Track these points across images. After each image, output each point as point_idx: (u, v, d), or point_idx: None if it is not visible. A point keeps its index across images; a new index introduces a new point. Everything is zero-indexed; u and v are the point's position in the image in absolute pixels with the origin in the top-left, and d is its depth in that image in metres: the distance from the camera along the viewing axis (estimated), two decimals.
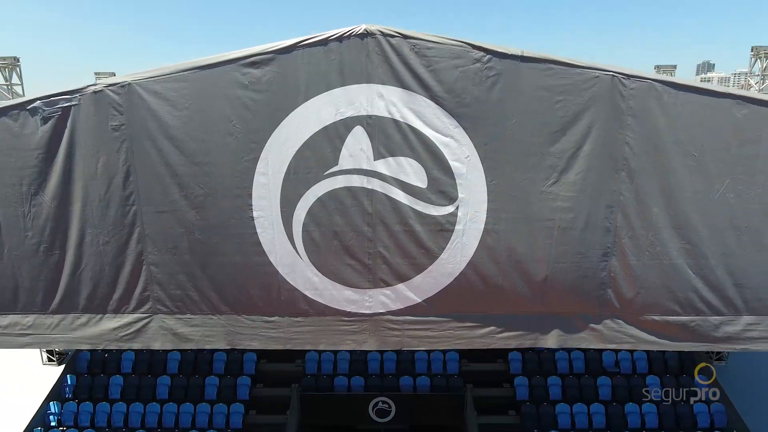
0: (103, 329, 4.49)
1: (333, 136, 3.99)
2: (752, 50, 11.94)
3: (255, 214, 4.00)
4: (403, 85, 3.88)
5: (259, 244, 4.15)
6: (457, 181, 3.94)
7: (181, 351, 14.55)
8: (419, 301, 4.33)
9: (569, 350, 14.42)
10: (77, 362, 14.37)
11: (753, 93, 4.23)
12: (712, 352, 14.65)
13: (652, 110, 3.88)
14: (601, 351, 14.39)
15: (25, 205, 3.92)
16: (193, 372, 14.10)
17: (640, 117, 3.93)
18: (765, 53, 12.05)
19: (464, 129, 3.92)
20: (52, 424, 13.01)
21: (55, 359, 14.73)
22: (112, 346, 4.83)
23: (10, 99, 10.27)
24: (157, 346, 4.62)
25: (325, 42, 3.88)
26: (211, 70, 3.84)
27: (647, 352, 14.26)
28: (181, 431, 12.70)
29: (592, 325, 4.59)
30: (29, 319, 4.41)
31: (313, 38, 3.83)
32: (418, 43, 3.82)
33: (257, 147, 3.92)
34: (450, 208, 4.01)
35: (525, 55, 3.94)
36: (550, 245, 4.19)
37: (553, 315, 4.55)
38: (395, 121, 3.92)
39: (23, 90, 11.60)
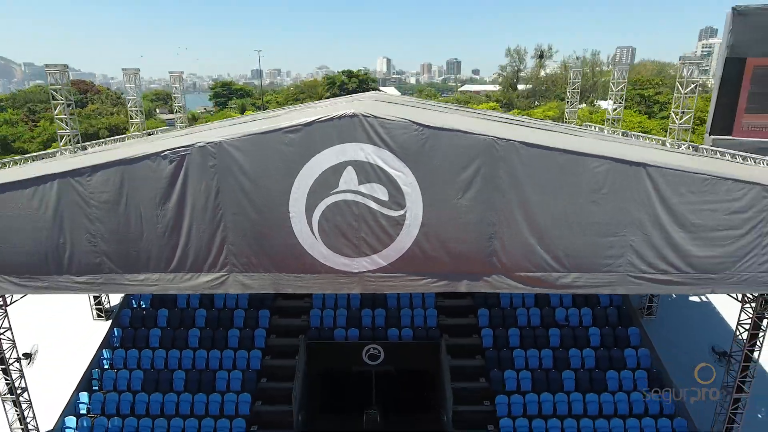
0: (200, 282, 7.28)
1: (335, 171, 6.67)
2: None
3: (291, 215, 6.75)
4: (373, 143, 6.55)
5: (293, 231, 6.93)
6: (405, 197, 6.72)
7: (207, 308, 17.59)
8: (385, 264, 7.17)
9: (528, 307, 17.51)
10: (121, 318, 17.39)
11: (576, 146, 6.79)
12: (643, 309, 17.84)
13: (511, 158, 6.53)
14: (554, 307, 17.49)
15: (157, 210, 6.68)
16: (217, 326, 17.13)
17: (506, 161, 6.57)
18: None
19: (409, 167, 6.64)
20: (105, 366, 16.10)
21: (103, 315, 17.86)
22: (207, 292, 7.65)
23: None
24: (231, 291, 7.38)
25: (331, 119, 6.57)
26: (267, 134, 6.56)
27: (591, 309, 17.37)
28: (211, 371, 15.83)
29: (485, 278, 7.37)
30: (156, 276, 7.23)
31: (325, 117, 6.51)
32: (382, 120, 6.51)
33: (292, 177, 6.63)
34: (401, 212, 6.83)
35: (442, 127, 6.57)
36: (460, 232, 6.92)
37: (464, 273, 7.31)
38: (369, 163, 6.64)
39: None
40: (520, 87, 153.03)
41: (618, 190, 6.56)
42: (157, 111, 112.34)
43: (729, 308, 16.02)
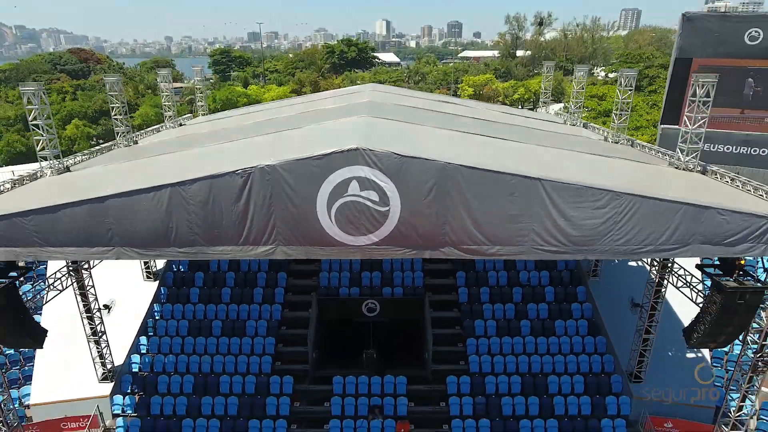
0: (257, 251, 11.15)
1: (345, 183, 10.39)
2: None
3: (317, 210, 10.59)
4: (369, 165, 10.29)
5: (318, 220, 10.76)
6: (389, 199, 10.47)
7: (235, 271, 21.65)
8: (377, 240, 11.01)
9: (497, 270, 21.58)
10: (165, 279, 21.51)
11: (498, 167, 10.49)
12: (590, 271, 21.94)
13: (455, 175, 10.19)
14: (519, 270, 21.57)
15: (232, 206, 10.54)
16: (244, 285, 21.24)
17: (452, 177, 10.28)
18: None
19: (391, 180, 10.34)
20: (157, 317, 20.29)
21: (151, 277, 21.99)
22: (261, 258, 11.57)
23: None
24: (277, 257, 11.24)
25: (342, 152, 10.37)
26: (302, 160, 10.38)
27: (549, 271, 21.45)
28: (242, 321, 19.98)
29: (441, 249, 11.21)
30: (230, 248, 11.15)
31: (339, 150, 10.31)
32: (375, 151, 10.24)
33: (318, 186, 10.42)
34: (387, 208, 10.63)
35: (412, 155, 10.35)
36: (424, 221, 10.73)
37: (427, 246, 11.16)
38: (367, 178, 10.39)
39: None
40: (519, 53, 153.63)
41: (524, 194, 10.39)
42: (158, 80, 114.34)
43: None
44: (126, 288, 20.65)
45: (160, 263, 22.16)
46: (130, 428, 16.91)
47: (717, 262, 12.45)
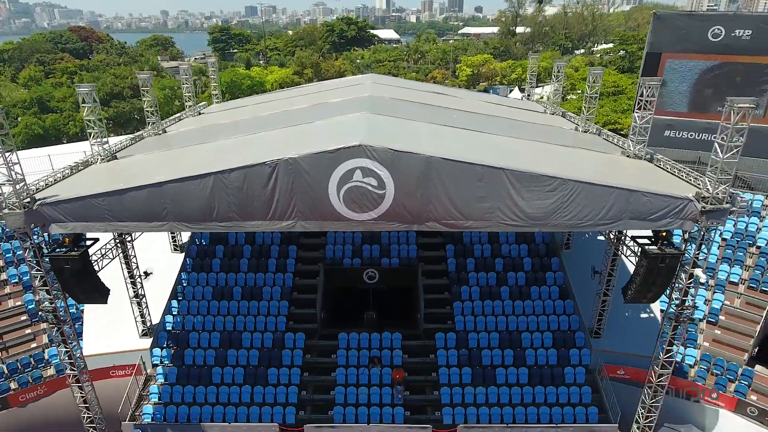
0: (281, 225, 14.13)
1: (350, 172, 13.23)
2: None
3: (329, 193, 13.51)
4: (369, 158, 13.13)
5: (330, 201, 13.68)
6: (385, 184, 13.34)
7: (251, 244, 24.70)
8: (376, 216, 13.90)
9: (482, 243, 24.66)
10: (190, 251, 24.57)
11: (471, 159, 13.34)
12: (563, 244, 25.02)
13: (438, 165, 13.07)
14: (501, 244, 24.65)
15: (262, 189, 13.39)
16: (260, 256, 24.33)
17: (435, 167, 13.14)
18: None
19: (387, 169, 13.21)
20: (184, 284, 23.43)
21: (178, 249, 25.10)
22: (284, 230, 14.60)
23: None
24: (297, 230, 14.25)
25: (348, 148, 13.27)
26: (318, 154, 13.23)
27: (527, 244, 24.51)
28: (258, 287, 23.13)
29: (426, 224, 14.14)
30: (259, 222, 14.08)
31: (345, 146, 13.19)
32: (374, 147, 13.13)
33: (329, 174, 13.31)
34: (383, 191, 13.47)
35: (403, 150, 13.25)
36: (413, 202, 13.70)
37: (414, 221, 14.15)
38: (368, 168, 13.12)
39: None
40: (520, 30, 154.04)
41: (490, 180, 13.32)
42: (159, 59, 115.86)
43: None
44: (157, 259, 23.77)
45: (185, 237, 25.26)
46: (168, 375, 20.21)
47: (650, 233, 15.50)
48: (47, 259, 14.62)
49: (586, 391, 19.45)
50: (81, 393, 16.79)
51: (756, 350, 20.96)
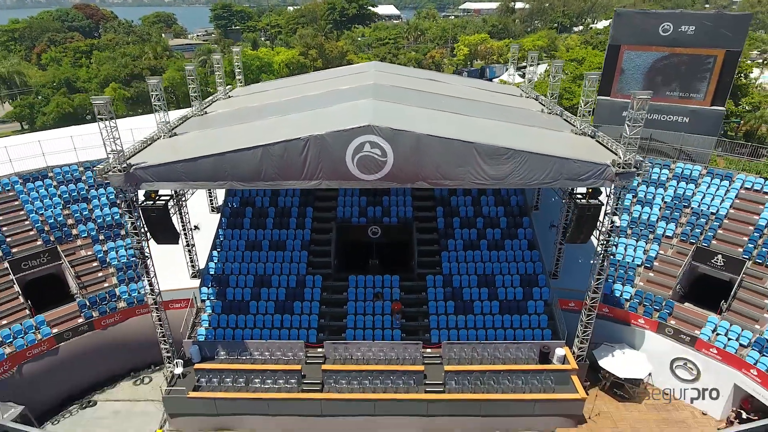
0: (311, 183, 18.96)
1: (362, 144, 18.17)
2: None
3: (346, 160, 18.54)
4: (376, 135, 17.92)
5: (347, 166, 18.77)
6: (387, 154, 18.30)
7: (275, 206, 30.07)
8: (380, 177, 18.99)
9: (466, 206, 30.05)
10: (224, 211, 29.94)
11: (452, 135, 18.36)
12: (534, 206, 30.45)
13: (426, 141, 18.15)
14: (482, 206, 30.03)
15: (298, 157, 18.62)
16: (282, 216, 29.74)
17: (424, 143, 18.17)
18: None
19: (389, 143, 18.16)
20: (221, 238, 28.89)
21: (215, 210, 30.56)
22: (312, 188, 19.99)
23: None
24: (323, 187, 19.58)
25: (360, 127, 18.25)
26: (337, 132, 18.27)
27: (504, 206, 29.91)
28: (282, 240, 28.59)
29: (417, 182, 19.35)
30: (294, 182, 19.21)
31: (359, 126, 18.18)
32: (380, 127, 18.07)
33: (346, 146, 18.24)
34: (385, 159, 18.38)
35: (401, 129, 18.20)
36: (407, 166, 18.77)
37: (408, 180, 19.28)
38: (375, 142, 18.06)
39: None
40: (519, 5, 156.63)
41: (463, 152, 18.42)
42: (163, 36, 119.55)
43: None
44: (199, 217, 29.26)
45: (220, 200, 30.68)
46: (215, 307, 25.83)
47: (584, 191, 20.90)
48: (138, 209, 20.09)
49: (544, 319, 25.10)
50: (157, 314, 22.40)
51: (685, 289, 26.52)
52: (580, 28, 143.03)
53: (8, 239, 26.46)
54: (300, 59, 68.23)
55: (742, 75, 57.59)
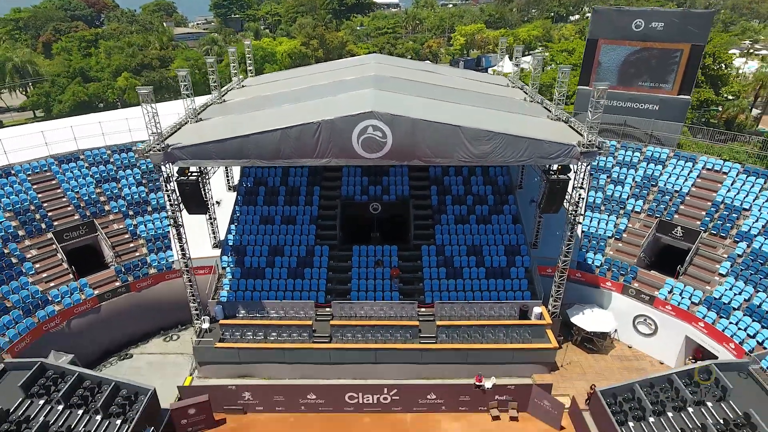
0: (322, 161, 22.53)
1: (365, 127, 21.51)
2: None
3: (352, 141, 21.87)
4: (378, 120, 21.29)
5: (353, 146, 22.14)
6: (386, 136, 21.57)
7: (285, 186, 33.63)
8: (381, 155, 22.40)
9: (458, 185, 33.64)
10: (240, 190, 33.51)
11: (441, 119, 21.65)
12: (518, 184, 34.07)
13: (419, 125, 21.46)
14: (471, 185, 33.62)
15: (311, 138, 21.95)
16: (291, 194, 33.30)
17: (418, 127, 21.46)
18: None
19: (389, 127, 21.39)
20: (238, 214, 32.45)
21: (232, 189, 34.12)
22: (322, 165, 23.54)
23: None
24: (332, 164, 23.00)
25: (364, 113, 21.61)
26: (347, 116, 21.70)
27: (491, 186, 33.51)
28: (292, 216, 32.15)
29: (412, 161, 22.80)
30: (307, 159, 22.46)
31: (363, 112, 21.54)
32: (381, 112, 21.47)
33: (352, 129, 21.63)
34: (386, 140, 21.68)
35: (399, 114, 21.63)
36: (404, 146, 22.11)
37: (405, 158, 22.57)
38: (377, 125, 21.60)
39: None
40: None
41: (451, 134, 21.80)
42: (165, 25, 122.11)
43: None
44: (218, 195, 32.78)
45: (236, 180, 34.22)
46: (234, 273, 29.45)
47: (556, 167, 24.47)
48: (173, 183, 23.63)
49: (524, 283, 28.78)
50: (188, 275, 26.02)
51: (650, 257, 30.22)
52: (577, 17, 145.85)
53: (49, 214, 29.98)
54: (302, 49, 71.32)
55: (722, 65, 61.18)
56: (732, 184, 30.08)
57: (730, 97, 63.44)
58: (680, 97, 33.86)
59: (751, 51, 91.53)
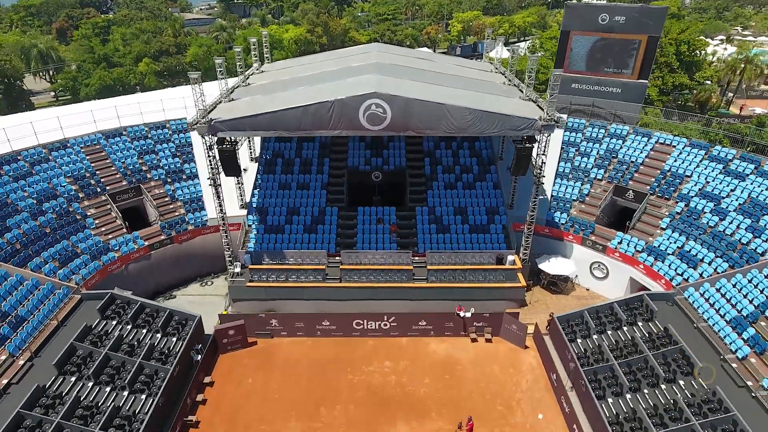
0: (335, 132, 28.13)
1: (370, 105, 27.13)
2: None
3: (359, 116, 27.64)
4: (380, 99, 27.08)
5: (360, 120, 27.94)
6: (387, 111, 27.43)
7: (300, 158, 39.65)
8: (382, 128, 28.15)
9: (447, 157, 39.66)
10: (260, 161, 39.55)
11: (430, 98, 27.43)
12: (499, 156, 40.14)
13: (413, 102, 27.19)
14: (459, 157, 39.65)
15: (326, 114, 27.65)
16: (305, 165, 39.34)
17: (412, 105, 27.06)
18: None
19: (388, 104, 27.14)
20: (259, 182, 38.49)
21: (254, 159, 40.19)
22: (334, 135, 29.40)
23: None
24: (343, 135, 28.67)
25: (369, 93, 27.40)
26: (356, 96, 27.53)
27: (477, 157, 39.53)
28: (306, 183, 38.23)
29: (406, 131, 28.56)
30: (323, 131, 28.24)
31: (368, 93, 27.30)
32: (382, 93, 27.29)
33: (359, 106, 27.31)
34: (386, 115, 27.32)
35: (396, 95, 27.26)
36: (401, 120, 27.86)
37: (402, 129, 28.31)
38: (379, 103, 27.34)
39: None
40: None
41: (437, 110, 27.23)
42: (170, 11, 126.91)
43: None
44: (244, 163, 38.77)
45: (256, 152, 40.24)
46: (258, 230, 35.57)
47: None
48: (215, 151, 29.67)
49: (501, 237, 34.90)
50: (224, 228, 32.15)
51: (609, 217, 36.35)
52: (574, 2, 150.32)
53: (102, 180, 36.05)
54: (307, 36, 76.80)
55: (697, 52, 66.89)
56: (678, 155, 36.11)
57: (708, 82, 69.34)
58: (639, 81, 39.76)
59: (731, 38, 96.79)
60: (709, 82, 68.19)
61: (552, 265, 34.30)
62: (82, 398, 23.71)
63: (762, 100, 76.26)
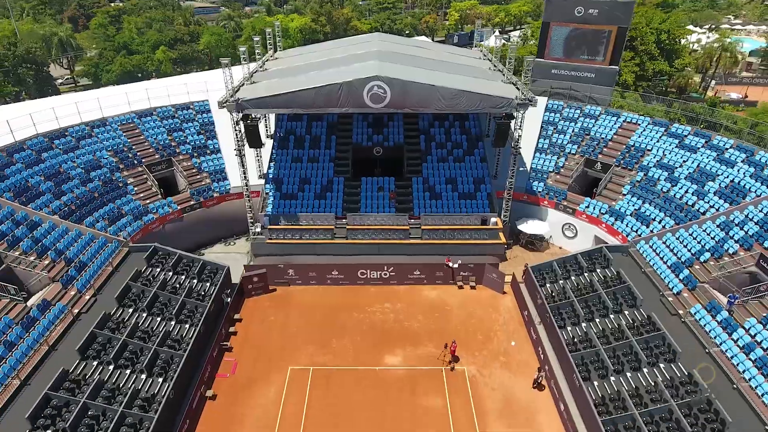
0: (342, 110, 33.71)
1: (372, 86, 32.52)
2: None
3: (364, 96, 33.07)
4: (380, 81, 32.46)
5: (364, 99, 33.38)
6: (387, 92, 32.48)
7: (310, 135, 45.26)
8: (382, 106, 33.50)
9: (440, 134, 45.25)
10: (275, 138, 45.18)
11: (425, 80, 32.76)
12: (485, 134, 45.82)
13: (410, 85, 32.52)
14: (452, 134, 45.22)
15: (336, 94, 33.03)
16: (315, 142, 44.91)
17: (408, 86, 32.38)
18: None
19: (388, 86, 32.36)
20: (275, 156, 44.12)
21: (270, 136, 45.87)
22: (342, 111, 34.79)
23: None
24: (349, 112, 33.90)
25: (372, 76, 32.87)
26: (359, 79, 32.93)
27: (466, 135, 45.13)
28: (315, 157, 43.84)
29: (404, 109, 33.96)
30: (332, 108, 33.66)
31: (371, 76, 32.74)
32: (383, 76, 32.74)
33: (363, 88, 32.78)
34: (385, 95, 32.62)
35: (394, 77, 32.54)
36: (399, 99, 33.25)
37: (399, 107, 33.80)
38: (380, 85, 32.76)
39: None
40: None
41: (429, 91, 32.61)
42: (177, 0, 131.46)
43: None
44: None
45: (271, 130, 45.86)
46: (275, 197, 41.25)
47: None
48: (241, 125, 35.30)
49: (486, 203, 40.57)
50: (247, 193, 37.86)
51: (581, 186, 42.05)
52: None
53: (138, 153, 41.70)
54: (312, 25, 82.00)
55: (677, 40, 72.16)
56: (642, 132, 41.72)
57: (688, 69, 74.71)
58: (610, 67, 45.23)
59: (718, 26, 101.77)
60: (688, 69, 73.54)
61: (529, 227, 40.06)
62: (139, 324, 29.53)
63: (741, 86, 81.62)
